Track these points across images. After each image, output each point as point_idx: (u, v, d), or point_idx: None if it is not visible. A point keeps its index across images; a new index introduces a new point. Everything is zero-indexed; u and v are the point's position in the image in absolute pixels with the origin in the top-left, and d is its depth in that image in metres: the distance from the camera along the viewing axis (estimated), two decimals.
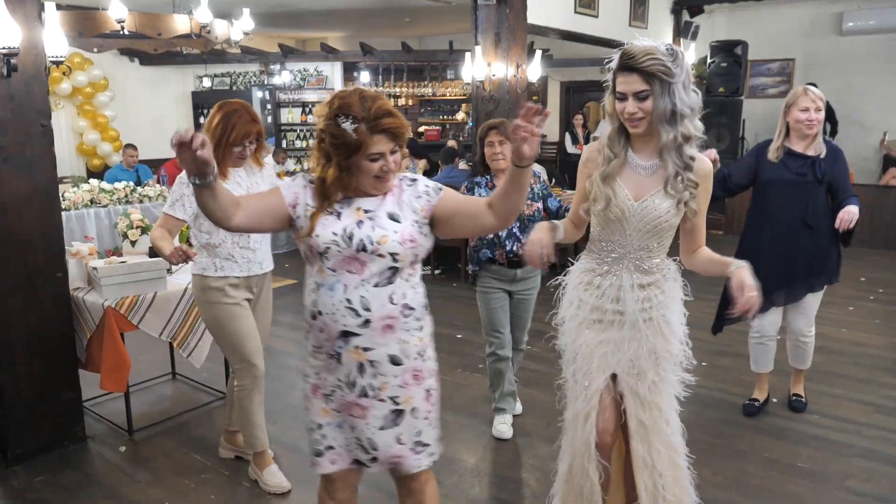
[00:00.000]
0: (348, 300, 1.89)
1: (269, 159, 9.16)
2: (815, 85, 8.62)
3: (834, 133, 8.83)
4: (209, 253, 2.96)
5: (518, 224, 3.46)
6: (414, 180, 2.02)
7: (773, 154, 3.49)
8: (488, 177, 3.55)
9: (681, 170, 2.12)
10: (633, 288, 2.24)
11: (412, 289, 1.97)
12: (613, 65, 2.12)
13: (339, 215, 1.91)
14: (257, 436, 3.12)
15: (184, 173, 2.86)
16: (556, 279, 2.44)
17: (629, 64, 2.04)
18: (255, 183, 3.04)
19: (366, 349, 1.92)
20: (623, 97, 2.08)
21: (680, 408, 2.34)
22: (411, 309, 1.96)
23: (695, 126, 2.10)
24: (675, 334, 2.30)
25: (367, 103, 1.84)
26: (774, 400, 3.94)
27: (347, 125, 1.81)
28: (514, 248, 3.43)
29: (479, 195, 3.52)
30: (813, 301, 3.62)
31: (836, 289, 3.81)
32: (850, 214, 3.34)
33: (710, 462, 3.28)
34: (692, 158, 2.13)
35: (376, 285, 1.90)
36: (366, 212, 1.92)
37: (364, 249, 1.88)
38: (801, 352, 3.74)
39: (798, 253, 3.49)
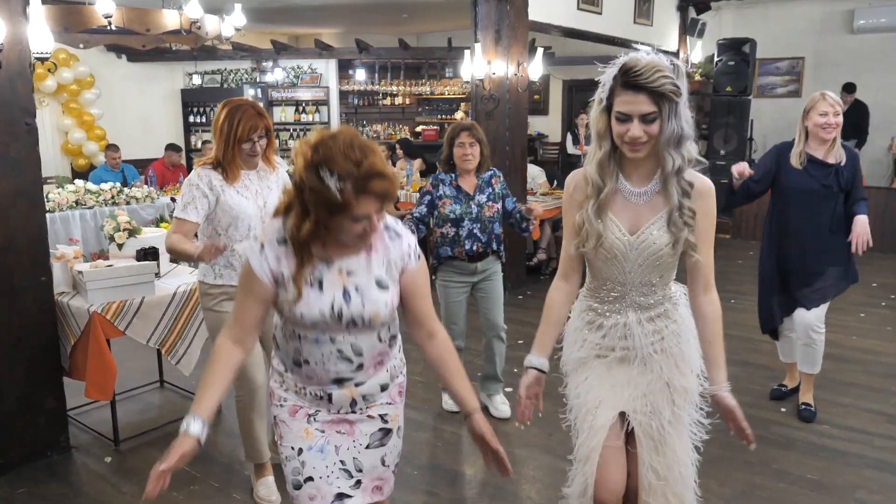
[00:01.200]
0: (339, 350, 1.84)
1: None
2: (852, 85, 8.73)
3: (862, 143, 8.87)
4: (212, 259, 2.98)
5: (479, 224, 3.73)
6: (398, 234, 1.89)
7: (796, 160, 3.60)
8: (453, 175, 3.80)
9: (681, 198, 1.95)
10: (640, 323, 2.09)
11: (392, 319, 1.92)
12: (608, 78, 1.90)
13: (321, 285, 1.79)
14: (257, 448, 3.13)
15: (193, 174, 2.91)
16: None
17: (636, 82, 1.83)
18: (266, 187, 3.02)
19: (358, 384, 1.91)
20: (626, 118, 1.87)
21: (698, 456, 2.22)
22: (395, 337, 1.98)
23: (694, 147, 1.95)
24: (691, 367, 2.14)
25: (354, 155, 1.64)
26: (783, 410, 3.96)
27: (331, 182, 1.63)
28: (474, 248, 3.73)
29: (443, 192, 3.76)
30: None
31: (847, 295, 3.84)
32: (865, 233, 3.51)
33: (717, 474, 3.29)
34: (690, 184, 1.96)
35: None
36: (349, 274, 1.81)
37: (354, 325, 1.82)
38: (810, 351, 3.75)
39: (822, 259, 3.64)
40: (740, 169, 3.61)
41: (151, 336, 3.57)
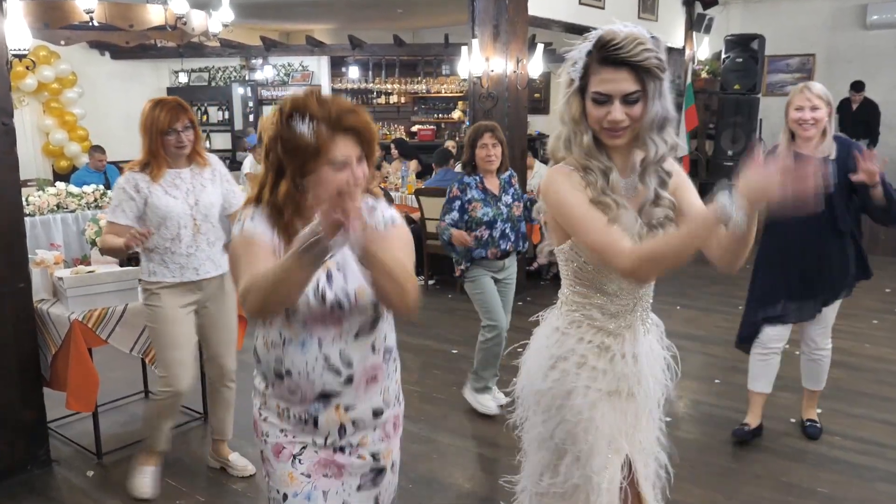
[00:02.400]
0: (326, 357, 1.75)
1: (249, 159, 9.17)
2: (861, 84, 8.62)
3: (875, 142, 8.85)
4: (146, 257, 3.14)
5: (509, 224, 3.94)
6: (372, 207, 1.81)
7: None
8: (478, 177, 3.96)
9: (659, 188, 1.81)
10: (646, 334, 1.95)
11: (389, 326, 1.87)
12: (581, 54, 1.75)
13: None
14: (158, 436, 3.30)
15: (120, 178, 3.05)
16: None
17: (617, 56, 1.67)
18: (199, 185, 3.16)
19: (348, 408, 1.80)
20: (605, 100, 1.71)
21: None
22: (390, 351, 1.88)
23: (674, 132, 1.80)
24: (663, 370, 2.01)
25: (325, 103, 1.67)
26: (792, 420, 3.96)
27: (304, 127, 1.63)
28: (506, 247, 3.95)
29: (472, 196, 3.91)
30: (830, 311, 3.62)
31: (859, 301, 3.84)
32: (871, 163, 3.16)
33: (724, 487, 3.30)
34: (669, 173, 1.83)
35: (357, 336, 1.78)
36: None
37: (340, 307, 1.73)
38: (815, 368, 3.72)
39: (811, 266, 3.48)
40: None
41: (135, 345, 3.58)
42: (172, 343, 3.16)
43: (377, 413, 1.86)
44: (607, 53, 1.68)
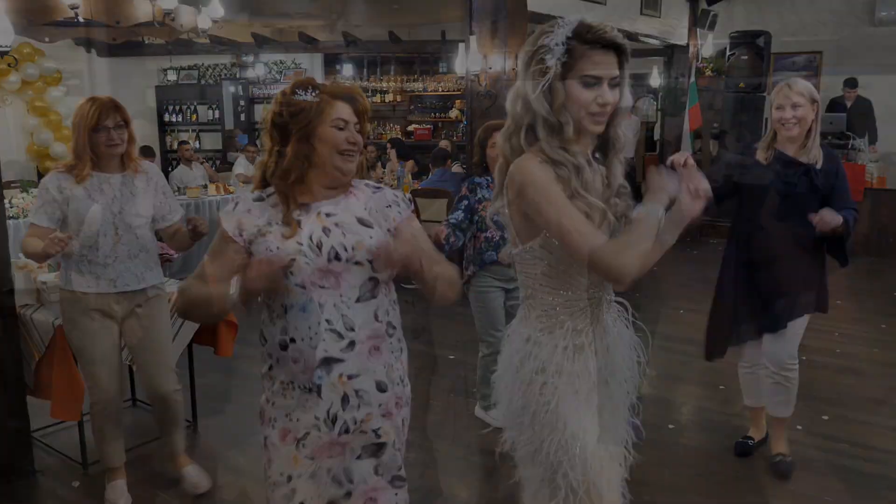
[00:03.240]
0: (328, 320, 1.84)
1: (241, 159, 9.15)
2: (854, 80, 8.57)
3: (873, 140, 8.86)
4: (64, 264, 3.08)
5: None
6: (378, 188, 2.02)
7: (762, 153, 3.34)
8: (489, 177, 3.84)
9: (622, 176, 1.91)
10: (614, 326, 1.97)
11: (391, 305, 1.98)
12: (560, 39, 1.75)
13: (299, 224, 1.87)
14: (109, 452, 3.27)
15: (45, 178, 3.01)
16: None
17: (608, 39, 1.74)
18: (129, 192, 3.06)
19: (351, 377, 1.88)
20: (595, 82, 1.74)
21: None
22: (394, 328, 1.99)
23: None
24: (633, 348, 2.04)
25: (323, 83, 1.94)
26: (798, 427, 3.96)
27: (308, 95, 1.86)
28: None
29: (482, 196, 3.86)
30: (796, 326, 3.36)
31: (867, 304, 3.84)
32: (832, 215, 3.08)
33: (728, 496, 3.31)
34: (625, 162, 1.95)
35: (358, 300, 1.87)
36: (328, 216, 1.89)
37: (338, 258, 1.85)
38: (781, 391, 3.42)
39: (776, 275, 3.34)
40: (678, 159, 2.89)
41: (121, 351, 3.57)
42: (92, 359, 3.13)
43: (381, 387, 1.93)
44: (596, 35, 1.74)
